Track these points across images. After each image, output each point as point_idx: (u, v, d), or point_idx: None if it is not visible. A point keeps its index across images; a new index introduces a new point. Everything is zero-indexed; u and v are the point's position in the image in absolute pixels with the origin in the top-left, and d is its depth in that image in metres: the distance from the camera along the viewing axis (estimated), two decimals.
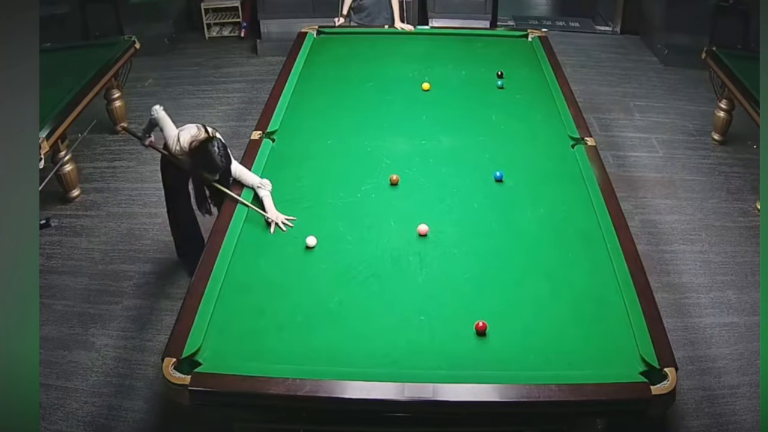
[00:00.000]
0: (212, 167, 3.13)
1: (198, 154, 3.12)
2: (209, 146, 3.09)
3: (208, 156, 3.09)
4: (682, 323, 3.70)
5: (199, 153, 3.11)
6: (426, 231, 2.99)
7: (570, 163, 3.50)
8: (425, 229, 3.00)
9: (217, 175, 3.20)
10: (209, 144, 3.09)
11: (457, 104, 4.08)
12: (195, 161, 3.17)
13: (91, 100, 4.64)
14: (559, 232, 3.04)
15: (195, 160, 3.16)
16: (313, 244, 2.91)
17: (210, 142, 3.10)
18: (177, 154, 3.30)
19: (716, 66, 5.08)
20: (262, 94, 5.71)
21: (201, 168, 3.17)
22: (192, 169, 3.25)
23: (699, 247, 4.29)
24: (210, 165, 3.12)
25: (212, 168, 3.13)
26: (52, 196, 4.61)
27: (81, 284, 3.99)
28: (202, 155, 3.11)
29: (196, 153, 3.13)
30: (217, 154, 3.09)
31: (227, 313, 2.59)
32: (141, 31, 6.03)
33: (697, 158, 5.21)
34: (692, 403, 3.26)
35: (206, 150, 3.09)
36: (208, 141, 3.10)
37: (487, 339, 2.49)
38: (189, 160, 3.20)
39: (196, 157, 3.14)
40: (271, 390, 2.25)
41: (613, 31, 7.59)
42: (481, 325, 2.50)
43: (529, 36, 4.99)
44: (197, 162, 3.16)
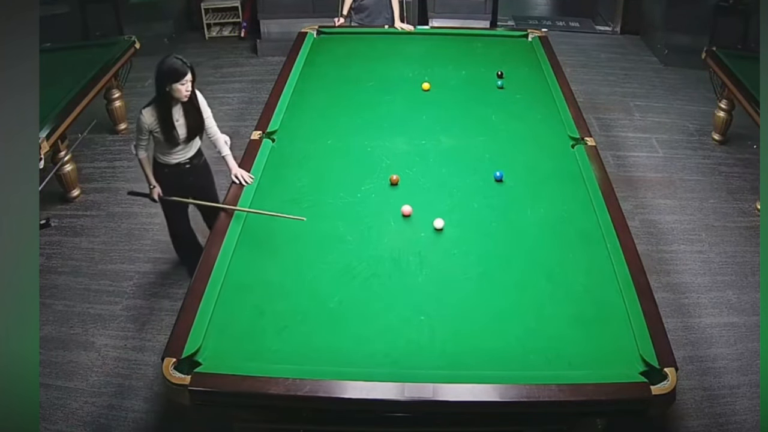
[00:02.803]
0: (175, 71, 3.08)
1: (160, 68, 3.11)
2: (165, 58, 3.13)
3: (169, 61, 3.10)
4: (682, 323, 3.70)
5: (161, 66, 3.10)
6: (410, 212, 3.06)
7: (570, 163, 3.50)
8: (409, 210, 3.07)
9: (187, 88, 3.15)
10: (165, 58, 3.13)
11: (457, 104, 4.08)
12: (160, 74, 3.12)
13: (91, 100, 4.65)
14: (559, 232, 3.04)
15: (159, 73, 3.12)
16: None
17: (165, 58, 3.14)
18: (150, 127, 3.25)
19: (716, 66, 5.08)
20: (262, 94, 5.72)
21: (167, 77, 3.10)
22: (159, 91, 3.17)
23: (699, 247, 4.29)
24: (172, 69, 3.08)
25: (177, 72, 3.08)
26: (52, 196, 4.62)
27: (81, 284, 3.99)
28: (163, 65, 3.10)
29: (159, 68, 3.11)
30: (175, 58, 3.11)
31: (227, 313, 2.59)
32: (141, 31, 6.04)
33: (697, 158, 5.21)
34: (692, 403, 3.26)
35: (164, 59, 3.12)
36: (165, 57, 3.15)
37: (487, 339, 2.49)
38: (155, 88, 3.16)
39: (160, 70, 3.11)
40: (271, 390, 2.25)
41: (613, 31, 7.60)
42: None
43: (529, 36, 5.00)
44: (162, 73, 3.11)
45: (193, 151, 3.44)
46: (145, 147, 3.36)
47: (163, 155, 3.39)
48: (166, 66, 3.11)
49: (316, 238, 2.97)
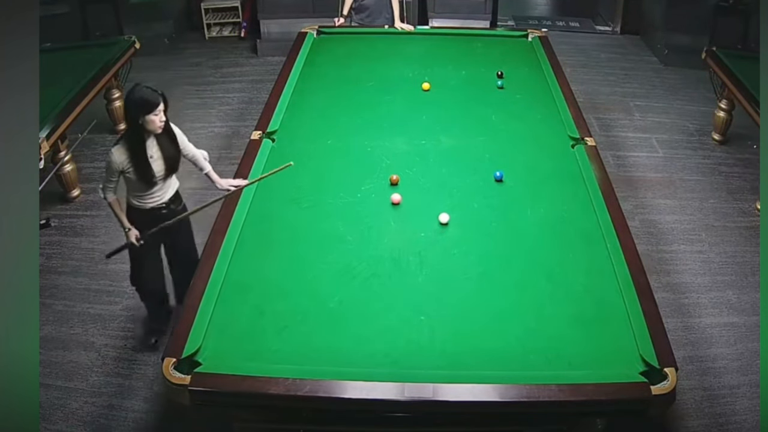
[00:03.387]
0: (146, 101, 2.83)
1: (130, 99, 2.86)
2: (134, 88, 2.87)
3: (139, 92, 2.84)
4: (682, 323, 3.70)
5: (130, 97, 2.85)
6: (399, 200, 3.09)
7: (570, 163, 3.50)
8: (398, 199, 3.11)
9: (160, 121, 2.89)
10: (134, 88, 2.88)
11: (457, 104, 4.08)
12: (130, 106, 2.87)
13: (91, 100, 4.65)
14: (559, 232, 3.04)
15: (129, 105, 2.87)
16: (446, 220, 3.03)
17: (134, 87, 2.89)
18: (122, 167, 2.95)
19: (716, 66, 5.08)
20: (262, 94, 5.72)
21: (139, 109, 2.84)
22: (131, 118, 2.90)
23: (699, 247, 4.29)
24: (143, 100, 2.83)
25: (149, 103, 2.83)
26: (52, 196, 4.61)
27: (81, 284, 3.99)
28: (133, 96, 2.85)
29: (128, 100, 2.87)
30: (145, 87, 2.86)
31: (227, 313, 2.59)
32: (141, 31, 6.04)
33: (697, 158, 5.21)
34: (692, 403, 3.26)
35: (132, 90, 2.87)
36: (133, 87, 2.89)
37: (487, 339, 2.49)
38: (126, 119, 2.93)
39: (129, 102, 2.86)
40: (271, 390, 2.25)
41: (613, 31, 7.60)
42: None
43: (529, 36, 5.00)
44: (132, 105, 2.86)
45: (170, 194, 3.15)
46: (114, 189, 3.03)
47: (137, 199, 3.08)
48: (137, 97, 2.84)
49: (316, 238, 2.97)
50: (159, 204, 3.12)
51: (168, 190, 3.14)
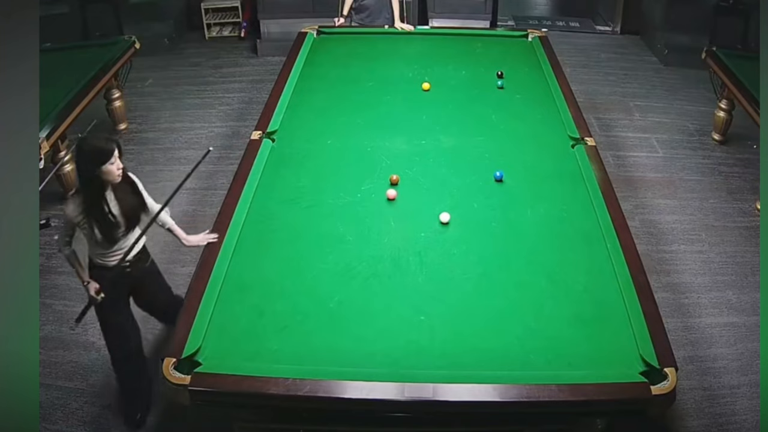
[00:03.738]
0: (101, 150, 2.59)
1: (81, 152, 2.63)
2: (84, 140, 2.66)
3: (90, 142, 2.63)
4: (682, 323, 3.70)
5: (82, 150, 2.63)
6: (394, 196, 3.12)
7: (570, 163, 3.50)
8: (393, 194, 3.14)
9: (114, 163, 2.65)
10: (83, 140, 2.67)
11: (457, 104, 4.08)
12: (82, 159, 2.64)
13: (91, 100, 4.65)
14: (559, 232, 3.04)
15: (82, 159, 2.64)
16: (446, 220, 3.05)
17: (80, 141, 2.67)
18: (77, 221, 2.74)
19: (716, 66, 5.08)
20: (262, 94, 5.71)
21: (94, 161, 2.60)
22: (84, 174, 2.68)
23: (699, 247, 4.29)
24: (97, 150, 2.60)
25: (104, 152, 2.59)
26: (52, 196, 4.60)
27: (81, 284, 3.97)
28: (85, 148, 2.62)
29: (79, 153, 2.64)
30: (95, 137, 2.66)
31: (227, 313, 2.59)
32: (141, 31, 6.04)
33: (697, 158, 5.21)
34: (692, 403, 3.26)
35: (82, 142, 2.65)
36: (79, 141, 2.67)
37: (487, 339, 2.49)
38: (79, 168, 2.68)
39: (81, 155, 2.63)
40: (271, 390, 2.26)
41: (613, 31, 7.59)
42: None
43: (529, 36, 5.00)
44: (84, 158, 2.63)
45: (136, 249, 2.88)
46: (70, 242, 2.83)
47: (99, 257, 2.83)
48: (89, 148, 2.60)
49: (316, 238, 2.97)
50: (123, 261, 2.84)
51: (132, 245, 2.85)
